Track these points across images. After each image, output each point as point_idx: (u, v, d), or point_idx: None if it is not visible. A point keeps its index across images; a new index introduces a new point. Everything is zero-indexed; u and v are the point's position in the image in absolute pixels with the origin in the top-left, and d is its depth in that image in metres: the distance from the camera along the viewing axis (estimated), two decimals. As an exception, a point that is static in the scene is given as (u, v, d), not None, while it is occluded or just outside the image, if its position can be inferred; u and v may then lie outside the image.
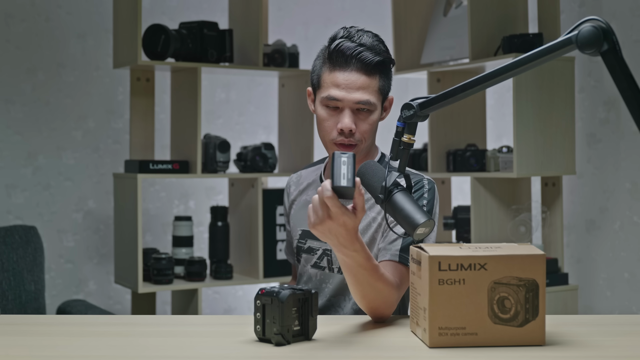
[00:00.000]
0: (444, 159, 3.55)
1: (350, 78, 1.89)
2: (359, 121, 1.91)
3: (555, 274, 3.30)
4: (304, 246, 2.07)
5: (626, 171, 3.56)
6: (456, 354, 1.49)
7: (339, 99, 1.89)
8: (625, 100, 1.46)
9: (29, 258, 3.12)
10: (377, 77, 1.91)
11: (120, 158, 3.82)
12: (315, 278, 2.05)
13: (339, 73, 1.89)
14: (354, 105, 1.89)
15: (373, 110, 1.92)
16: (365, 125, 1.92)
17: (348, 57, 1.88)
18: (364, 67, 1.88)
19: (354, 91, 1.89)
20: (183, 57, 3.30)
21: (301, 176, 2.19)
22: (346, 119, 1.89)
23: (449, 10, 3.66)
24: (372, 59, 1.88)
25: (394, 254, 1.86)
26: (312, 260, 2.05)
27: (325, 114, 1.92)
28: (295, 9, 4.32)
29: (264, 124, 4.22)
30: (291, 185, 2.19)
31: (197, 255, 3.46)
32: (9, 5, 3.64)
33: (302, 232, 2.08)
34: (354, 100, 1.89)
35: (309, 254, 2.05)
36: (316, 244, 2.03)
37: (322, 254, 2.03)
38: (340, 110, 1.91)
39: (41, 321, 1.92)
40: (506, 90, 3.96)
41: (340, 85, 1.89)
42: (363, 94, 1.89)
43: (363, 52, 1.88)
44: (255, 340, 1.58)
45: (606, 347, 1.57)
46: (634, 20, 3.52)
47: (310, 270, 2.06)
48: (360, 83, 1.89)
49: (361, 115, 1.91)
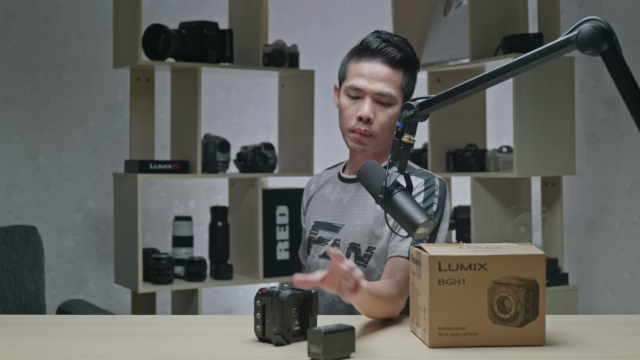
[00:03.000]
0: (444, 159, 3.55)
1: (375, 69, 1.95)
2: (378, 112, 1.96)
3: (555, 274, 3.30)
4: (315, 237, 2.10)
5: (626, 171, 3.56)
6: (456, 354, 1.49)
7: (360, 88, 1.95)
8: (625, 100, 1.46)
9: (29, 258, 3.12)
10: (401, 72, 1.97)
11: (120, 158, 3.82)
12: (324, 267, 2.05)
13: (364, 64, 1.96)
14: (374, 95, 1.95)
15: (393, 104, 1.97)
16: (383, 117, 1.97)
17: (374, 51, 1.95)
18: (388, 61, 1.95)
19: (377, 82, 1.95)
20: (183, 57, 3.30)
21: (322, 175, 2.23)
22: (365, 107, 1.95)
23: (449, 10, 3.66)
24: (397, 54, 1.96)
25: (403, 251, 1.88)
26: (321, 250, 2.07)
27: (346, 102, 1.99)
28: (295, 9, 4.32)
29: (264, 124, 4.22)
30: (311, 184, 2.23)
31: (197, 255, 3.46)
32: (9, 5, 3.64)
33: (315, 223, 2.11)
34: (375, 91, 1.95)
35: (319, 244, 2.08)
36: (327, 234, 2.06)
37: (333, 244, 2.05)
38: (362, 100, 1.96)
39: (41, 321, 1.92)
40: (506, 90, 3.96)
41: (364, 75, 1.95)
42: (385, 85, 1.95)
43: (388, 47, 1.95)
44: (255, 340, 1.58)
45: (606, 347, 1.57)
46: (634, 20, 3.52)
47: (319, 260, 2.08)
48: (384, 75, 1.95)
49: (381, 107, 1.96)
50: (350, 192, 2.06)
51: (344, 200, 2.06)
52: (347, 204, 2.05)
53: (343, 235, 2.03)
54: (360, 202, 2.02)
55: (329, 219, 2.07)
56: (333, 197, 2.10)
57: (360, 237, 1.99)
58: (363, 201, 2.02)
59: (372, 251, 1.98)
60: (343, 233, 2.03)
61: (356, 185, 2.05)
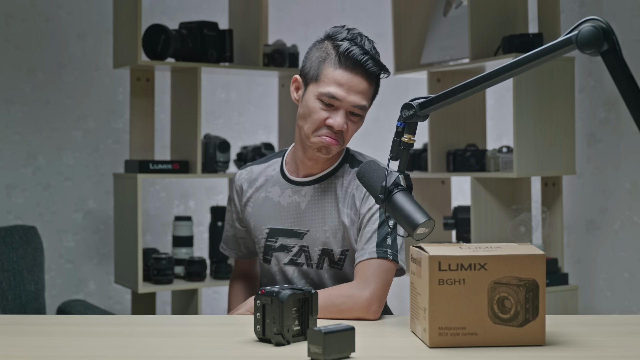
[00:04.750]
0: (444, 159, 3.55)
1: (354, 81, 1.93)
2: (349, 123, 1.97)
3: (555, 274, 3.30)
4: (275, 244, 2.06)
5: (626, 171, 3.56)
6: (456, 354, 1.49)
7: (338, 99, 1.93)
8: (625, 100, 1.46)
9: (29, 258, 3.12)
10: (374, 86, 1.99)
11: (120, 158, 3.82)
12: (292, 275, 2.05)
13: (344, 73, 1.94)
14: (350, 107, 1.95)
15: (363, 116, 1.99)
16: (354, 128, 1.98)
17: (356, 62, 1.93)
18: (367, 75, 1.95)
19: (354, 94, 1.94)
20: (183, 57, 3.30)
21: (253, 172, 2.15)
22: (340, 118, 1.94)
23: (449, 10, 3.66)
24: (377, 70, 1.96)
25: (371, 252, 1.90)
26: (286, 258, 2.05)
27: (317, 107, 1.95)
28: (295, 9, 4.32)
29: (264, 124, 4.22)
30: (243, 183, 2.15)
31: (197, 255, 3.46)
32: (9, 5, 3.64)
33: (270, 231, 2.07)
34: (352, 103, 1.94)
35: (282, 251, 2.05)
36: (290, 241, 2.04)
37: (299, 251, 2.03)
38: (335, 109, 1.95)
39: (41, 321, 1.92)
40: (506, 90, 3.96)
41: (343, 85, 1.93)
42: (361, 98, 1.95)
43: (369, 61, 1.94)
44: (255, 340, 1.58)
45: (606, 347, 1.57)
46: (634, 20, 3.52)
47: (286, 268, 2.06)
48: (362, 88, 1.94)
49: (353, 118, 1.97)
50: (306, 196, 2.03)
51: (301, 205, 2.03)
52: (305, 209, 2.02)
53: (310, 242, 2.01)
54: (319, 205, 2.01)
55: (287, 225, 2.04)
56: (285, 201, 2.05)
57: (332, 242, 1.99)
58: (322, 204, 2.01)
59: (346, 254, 2.00)
60: (310, 239, 2.01)
61: (312, 188, 2.03)
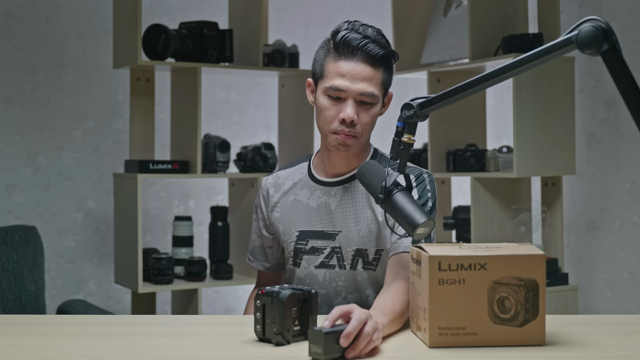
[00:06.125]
0: (444, 159, 3.55)
1: (356, 69, 1.88)
2: (361, 112, 1.90)
3: (555, 274, 3.30)
4: (305, 247, 2.00)
5: (626, 171, 3.56)
6: (456, 354, 1.49)
7: (343, 89, 1.88)
8: (625, 100, 1.46)
9: (29, 258, 3.12)
10: (382, 70, 1.91)
11: (120, 158, 3.82)
12: (323, 278, 1.99)
13: (344, 63, 1.88)
14: (357, 96, 1.88)
15: (375, 103, 1.91)
16: (366, 117, 1.91)
17: (354, 48, 1.87)
18: (369, 59, 1.88)
19: (359, 82, 1.88)
20: (183, 57, 3.30)
21: (279, 177, 2.11)
22: (349, 109, 1.88)
23: (449, 10, 3.66)
24: (378, 52, 1.88)
25: (406, 247, 1.84)
26: (317, 261, 1.99)
27: (327, 104, 1.91)
28: (295, 9, 4.32)
29: (264, 124, 4.22)
30: (269, 188, 2.11)
31: (197, 255, 3.46)
32: (9, 5, 3.64)
33: (300, 233, 2.01)
34: (358, 92, 1.88)
35: (313, 254, 1.99)
36: (321, 243, 1.98)
37: (331, 252, 1.97)
38: (343, 101, 1.89)
39: (41, 321, 1.92)
40: (506, 90, 3.96)
41: (345, 75, 1.88)
42: (368, 85, 1.88)
43: (369, 44, 1.88)
44: (255, 340, 1.58)
45: (606, 347, 1.57)
46: (634, 20, 3.52)
47: (317, 271, 1.99)
48: (366, 74, 1.88)
49: (363, 107, 1.90)
50: (336, 196, 1.98)
51: (331, 205, 1.98)
52: (336, 209, 1.97)
53: (343, 243, 1.96)
54: (350, 205, 1.96)
55: (318, 227, 1.99)
56: (314, 202, 2.00)
57: (367, 242, 1.94)
58: (353, 204, 1.96)
59: (380, 254, 1.94)
60: (342, 240, 1.96)
61: (341, 188, 1.98)
